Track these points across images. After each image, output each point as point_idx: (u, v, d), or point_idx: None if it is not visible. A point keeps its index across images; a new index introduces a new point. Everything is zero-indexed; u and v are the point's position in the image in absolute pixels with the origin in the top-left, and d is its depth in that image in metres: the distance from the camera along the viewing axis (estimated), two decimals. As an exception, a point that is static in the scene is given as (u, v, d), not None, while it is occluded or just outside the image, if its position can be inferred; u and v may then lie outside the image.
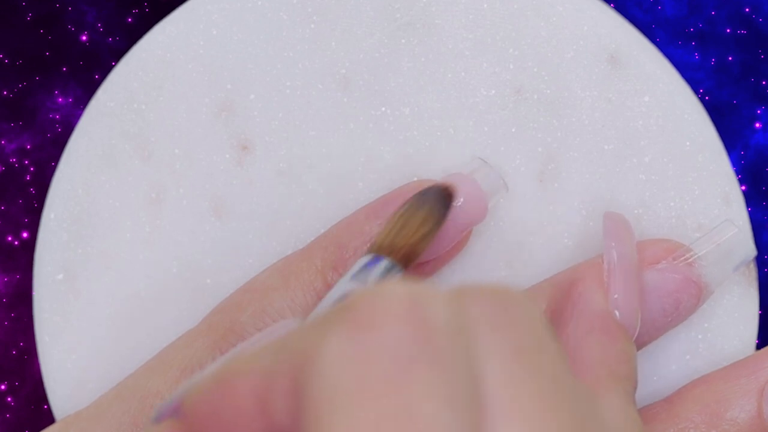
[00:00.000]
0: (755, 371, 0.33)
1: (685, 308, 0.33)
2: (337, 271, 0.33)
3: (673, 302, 0.33)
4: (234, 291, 0.35)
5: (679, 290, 0.33)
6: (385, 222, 0.33)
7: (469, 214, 0.34)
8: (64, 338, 0.36)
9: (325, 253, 0.34)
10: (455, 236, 0.34)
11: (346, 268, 0.33)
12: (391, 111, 0.36)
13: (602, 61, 0.36)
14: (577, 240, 0.36)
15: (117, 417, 0.34)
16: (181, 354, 0.34)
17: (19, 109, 0.42)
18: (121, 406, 0.34)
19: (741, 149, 0.44)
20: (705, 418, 0.33)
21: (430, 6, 0.36)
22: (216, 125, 0.36)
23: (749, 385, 0.33)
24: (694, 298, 0.33)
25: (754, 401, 0.33)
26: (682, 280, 0.33)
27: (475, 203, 0.34)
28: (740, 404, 0.33)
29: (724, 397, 0.33)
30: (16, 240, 0.42)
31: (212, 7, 0.36)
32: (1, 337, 0.42)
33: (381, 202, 0.34)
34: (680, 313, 0.33)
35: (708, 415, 0.33)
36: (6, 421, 0.42)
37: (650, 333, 0.33)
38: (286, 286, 0.34)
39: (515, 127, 0.36)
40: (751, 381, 0.33)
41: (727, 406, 0.33)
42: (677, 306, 0.33)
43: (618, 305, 0.32)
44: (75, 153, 0.36)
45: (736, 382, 0.33)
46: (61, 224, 0.36)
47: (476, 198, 0.34)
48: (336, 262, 0.34)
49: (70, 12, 0.42)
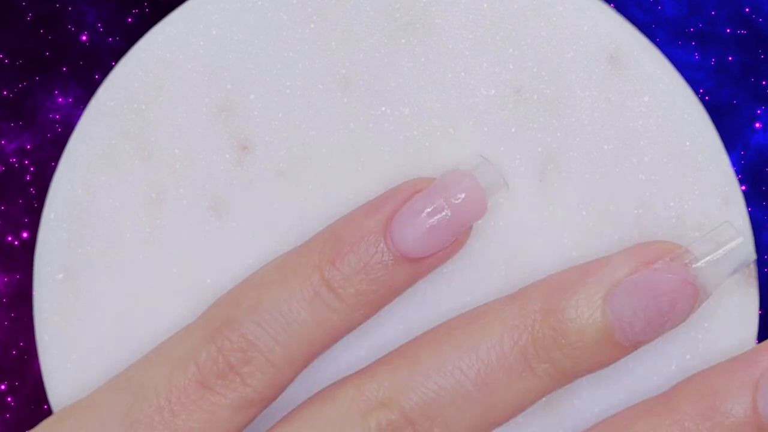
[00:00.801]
0: (750, 364, 0.33)
1: (682, 309, 0.33)
2: (334, 265, 0.34)
3: (669, 302, 0.33)
4: (233, 287, 0.35)
5: (676, 291, 0.33)
6: (384, 217, 0.34)
7: (468, 211, 0.34)
8: (64, 338, 0.36)
9: (323, 248, 0.34)
10: (454, 233, 0.34)
11: (344, 263, 0.34)
12: (391, 111, 0.36)
13: (602, 61, 0.36)
14: (577, 240, 0.36)
15: (111, 408, 0.34)
16: (177, 347, 0.34)
17: (19, 109, 0.42)
18: (115, 397, 0.34)
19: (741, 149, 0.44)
20: (700, 411, 0.33)
21: (430, 6, 0.36)
22: (216, 125, 0.36)
23: (744, 378, 0.33)
24: (691, 300, 0.33)
25: (750, 394, 0.33)
26: (679, 281, 0.33)
27: (475, 200, 0.34)
28: (735, 397, 0.33)
29: (719, 389, 0.33)
30: (16, 240, 0.42)
31: (212, 7, 0.36)
32: (1, 337, 0.42)
33: (380, 199, 0.34)
34: (677, 314, 0.33)
35: (703, 407, 0.33)
36: (6, 421, 0.42)
37: (647, 333, 0.33)
38: (284, 280, 0.34)
39: (515, 127, 0.36)
40: (746, 374, 0.33)
41: (722, 398, 0.33)
42: (673, 306, 0.33)
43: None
44: (75, 153, 0.36)
45: (731, 375, 0.33)
46: (61, 224, 0.36)
47: (476, 194, 0.34)
48: (334, 257, 0.34)
49: (70, 12, 0.42)
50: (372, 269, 0.34)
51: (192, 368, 0.33)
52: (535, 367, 0.33)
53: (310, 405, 0.34)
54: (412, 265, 0.34)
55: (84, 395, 0.35)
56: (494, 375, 0.33)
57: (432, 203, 0.34)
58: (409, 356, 0.34)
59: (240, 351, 0.33)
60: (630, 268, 0.33)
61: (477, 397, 0.33)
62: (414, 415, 0.33)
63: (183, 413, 0.33)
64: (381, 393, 0.33)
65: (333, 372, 0.36)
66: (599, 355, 0.33)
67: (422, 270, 0.34)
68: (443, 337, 0.34)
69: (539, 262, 0.36)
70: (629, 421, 0.34)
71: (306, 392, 0.35)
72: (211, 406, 0.33)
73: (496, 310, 0.34)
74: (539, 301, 0.33)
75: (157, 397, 0.33)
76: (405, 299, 0.36)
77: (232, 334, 0.33)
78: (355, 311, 0.34)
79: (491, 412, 0.33)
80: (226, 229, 0.36)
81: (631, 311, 0.33)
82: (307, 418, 0.34)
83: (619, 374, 0.36)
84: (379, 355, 0.35)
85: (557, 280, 0.34)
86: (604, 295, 0.33)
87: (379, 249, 0.34)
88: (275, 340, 0.33)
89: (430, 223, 0.33)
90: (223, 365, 0.33)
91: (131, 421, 0.33)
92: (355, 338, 0.36)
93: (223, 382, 0.33)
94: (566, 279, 0.34)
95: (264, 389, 0.33)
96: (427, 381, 0.33)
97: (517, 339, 0.33)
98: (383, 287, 0.34)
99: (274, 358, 0.33)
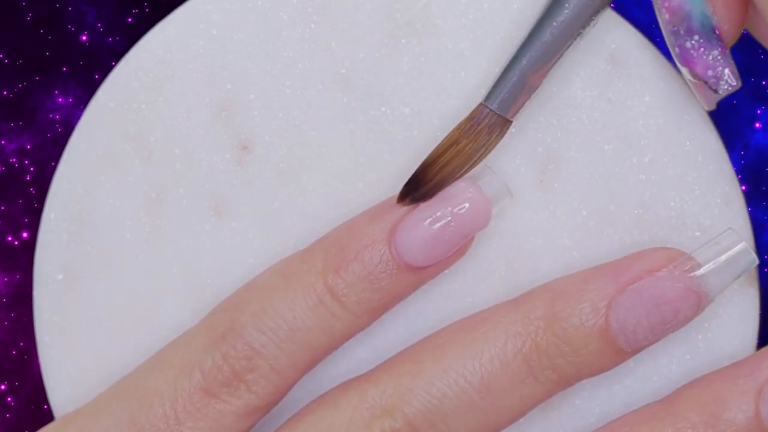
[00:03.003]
0: (753, 372, 0.33)
1: (685, 316, 0.33)
2: (338, 273, 0.33)
3: (672, 311, 0.33)
4: (234, 291, 0.35)
5: (679, 299, 0.33)
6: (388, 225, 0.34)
7: (472, 221, 0.34)
8: (64, 338, 0.36)
9: (326, 255, 0.34)
10: (457, 242, 0.34)
11: (348, 271, 0.34)
12: (391, 111, 0.36)
13: (602, 61, 0.36)
14: (577, 240, 0.36)
15: (115, 415, 0.34)
16: (180, 353, 0.34)
17: (19, 109, 0.42)
18: (119, 404, 0.34)
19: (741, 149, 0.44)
20: (702, 418, 0.33)
21: (430, 6, 0.36)
22: (216, 125, 0.36)
23: (747, 386, 0.33)
24: (694, 307, 0.33)
25: (752, 402, 0.33)
26: (682, 290, 0.33)
27: (479, 209, 0.34)
28: (738, 405, 0.33)
29: (721, 397, 0.33)
30: (16, 240, 0.42)
31: (212, 7, 0.36)
32: (1, 337, 0.42)
33: (384, 206, 0.34)
34: (679, 320, 0.33)
35: (706, 415, 0.33)
36: (6, 421, 0.42)
37: (649, 339, 0.33)
38: (287, 286, 0.34)
39: (515, 127, 0.36)
40: (749, 381, 0.33)
41: (724, 406, 0.33)
42: (676, 314, 0.33)
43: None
44: (75, 153, 0.36)
45: (734, 382, 0.33)
46: (61, 224, 0.36)
47: (480, 204, 0.34)
48: (338, 265, 0.34)
49: (70, 12, 0.42)
50: (376, 278, 0.34)
51: (197, 376, 0.33)
52: (538, 374, 0.33)
53: (313, 411, 0.34)
54: (416, 274, 0.34)
55: (84, 395, 0.35)
56: (497, 382, 0.33)
57: (436, 212, 0.34)
58: (412, 362, 0.34)
59: (245, 359, 0.33)
60: (633, 276, 0.33)
61: (480, 404, 0.33)
62: (417, 423, 0.33)
63: (189, 421, 0.33)
64: (384, 400, 0.33)
65: (335, 374, 0.36)
66: (601, 360, 0.33)
67: (425, 278, 0.34)
68: (446, 343, 0.34)
69: (540, 263, 0.36)
70: (632, 425, 0.34)
71: (306, 393, 0.35)
72: (216, 414, 0.33)
73: (499, 316, 0.34)
74: (542, 308, 0.33)
75: (162, 404, 0.33)
76: (406, 301, 0.36)
77: (237, 341, 0.33)
78: (358, 318, 0.34)
79: (494, 418, 0.33)
80: (226, 229, 0.36)
81: (635, 319, 0.33)
82: (311, 425, 0.33)
83: (620, 375, 0.36)
84: (381, 357, 0.35)
85: (560, 287, 0.34)
86: (608, 303, 0.33)
87: (384, 258, 0.34)
88: (279, 348, 0.33)
89: (434, 232, 0.33)
90: (228, 373, 0.33)
91: (136, 429, 0.33)
92: (357, 340, 0.36)
93: (228, 390, 0.33)
94: (569, 286, 0.34)
95: (268, 396, 0.33)
96: (430, 388, 0.33)
97: (520, 346, 0.33)
98: (386, 295, 0.34)
99: (279, 365, 0.33)
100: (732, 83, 0.33)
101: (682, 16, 0.33)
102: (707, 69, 0.33)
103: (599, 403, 0.36)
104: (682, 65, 0.33)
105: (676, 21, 0.33)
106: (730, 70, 0.33)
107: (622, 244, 0.35)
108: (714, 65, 0.33)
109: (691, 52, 0.33)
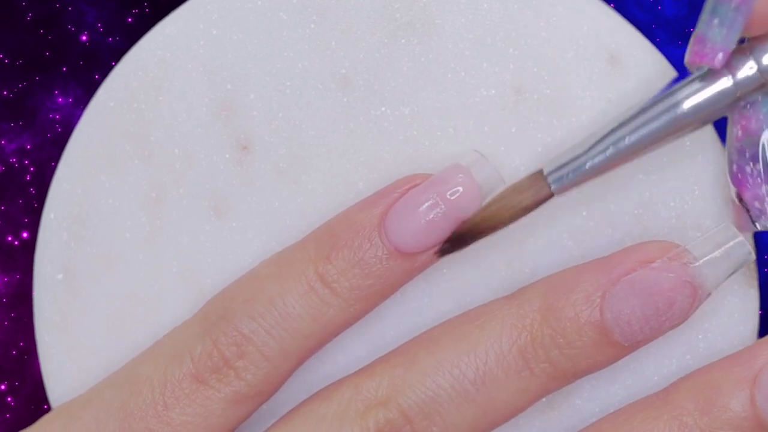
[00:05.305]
0: (749, 360, 0.33)
1: (680, 308, 0.33)
2: (329, 260, 0.34)
3: (666, 301, 0.33)
4: (231, 282, 0.35)
5: (673, 290, 0.33)
6: (379, 211, 0.34)
7: (463, 206, 0.34)
8: (64, 338, 0.36)
9: (318, 244, 0.34)
10: (449, 228, 0.34)
11: (339, 257, 0.34)
12: (391, 111, 0.36)
13: (602, 61, 0.36)
14: (577, 240, 0.36)
15: (107, 402, 0.34)
16: (173, 342, 0.34)
17: (19, 109, 0.42)
18: (111, 392, 0.34)
19: (741, 149, 0.44)
20: (698, 405, 0.33)
21: (430, 6, 0.36)
22: (216, 125, 0.36)
23: (743, 374, 0.33)
24: (689, 299, 0.33)
25: (747, 389, 0.33)
26: (677, 280, 0.33)
27: (470, 195, 0.34)
28: (733, 392, 0.33)
29: (717, 384, 0.33)
30: (16, 240, 0.42)
31: (212, 7, 0.36)
32: (1, 337, 0.42)
33: (376, 195, 0.34)
34: (674, 313, 0.33)
35: (701, 402, 0.33)
36: (6, 421, 0.42)
37: (645, 333, 0.33)
38: (279, 274, 0.34)
39: (515, 127, 0.36)
40: (744, 369, 0.33)
41: (720, 393, 0.33)
42: (671, 305, 0.33)
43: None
44: (75, 153, 0.36)
45: (729, 370, 0.33)
46: (61, 224, 0.36)
47: (471, 189, 0.34)
48: (329, 252, 0.34)
49: (70, 12, 0.42)
50: (366, 264, 0.34)
51: (187, 362, 0.33)
52: (534, 367, 0.33)
53: (309, 404, 0.34)
54: (407, 260, 0.34)
55: (84, 395, 0.35)
56: (493, 374, 0.33)
57: (426, 198, 0.34)
58: (408, 355, 0.34)
59: (234, 345, 0.33)
60: (628, 267, 0.33)
61: (475, 397, 0.33)
62: (412, 414, 0.33)
63: (177, 406, 0.33)
64: (379, 392, 0.33)
65: (332, 372, 0.36)
66: (598, 354, 0.33)
67: (417, 265, 0.34)
68: (441, 336, 0.34)
69: (539, 262, 0.36)
70: (628, 415, 0.34)
71: (306, 392, 0.35)
72: (204, 400, 0.33)
73: (494, 309, 0.34)
74: (538, 300, 0.33)
75: (151, 391, 0.33)
76: (405, 299, 0.36)
77: (227, 327, 0.33)
78: (350, 306, 0.34)
79: (490, 412, 0.33)
80: (226, 229, 0.36)
81: (629, 310, 0.33)
82: (305, 417, 0.34)
83: (619, 374, 0.36)
84: (379, 355, 0.35)
85: (556, 280, 0.34)
86: (602, 293, 0.33)
87: (374, 243, 0.34)
88: (270, 334, 0.33)
89: (425, 217, 0.33)
90: (217, 359, 0.33)
91: (125, 415, 0.33)
92: (355, 338, 0.36)
93: (217, 376, 0.33)
94: (564, 278, 0.34)
95: (258, 383, 0.33)
96: (425, 380, 0.33)
97: (516, 338, 0.33)
98: (378, 282, 0.34)
99: (269, 352, 0.33)
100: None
101: (754, 141, 0.33)
102: (755, 200, 0.33)
103: (599, 403, 0.36)
104: (733, 184, 0.34)
105: (746, 142, 0.33)
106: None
107: (622, 244, 0.35)
108: (763, 199, 0.33)
109: (748, 177, 0.33)
